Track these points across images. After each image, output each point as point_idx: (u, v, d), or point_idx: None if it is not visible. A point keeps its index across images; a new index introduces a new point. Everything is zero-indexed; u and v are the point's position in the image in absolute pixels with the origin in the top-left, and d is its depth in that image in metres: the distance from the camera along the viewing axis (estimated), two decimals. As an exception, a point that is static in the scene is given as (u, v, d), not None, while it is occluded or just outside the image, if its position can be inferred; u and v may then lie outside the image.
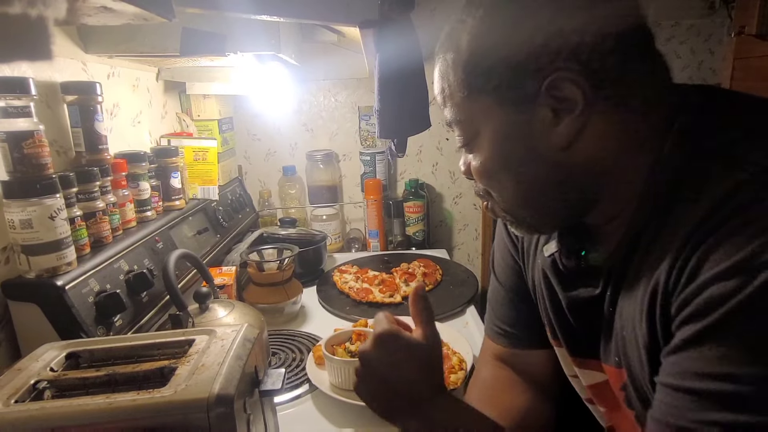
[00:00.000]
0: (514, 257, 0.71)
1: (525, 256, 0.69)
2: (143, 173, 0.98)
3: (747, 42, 1.42)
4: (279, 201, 1.79)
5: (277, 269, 1.15)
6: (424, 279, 1.29)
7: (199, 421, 0.45)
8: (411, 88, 0.96)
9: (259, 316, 0.86)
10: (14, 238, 0.69)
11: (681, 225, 0.42)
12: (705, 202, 0.41)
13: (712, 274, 0.38)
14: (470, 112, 0.51)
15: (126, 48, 0.93)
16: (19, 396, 0.49)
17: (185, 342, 0.58)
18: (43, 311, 0.69)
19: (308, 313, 1.21)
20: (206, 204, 1.25)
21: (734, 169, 0.41)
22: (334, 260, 1.56)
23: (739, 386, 0.36)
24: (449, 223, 1.88)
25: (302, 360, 0.97)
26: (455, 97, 0.52)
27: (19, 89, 0.67)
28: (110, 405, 0.46)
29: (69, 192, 0.75)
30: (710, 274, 0.38)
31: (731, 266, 0.37)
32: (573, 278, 0.58)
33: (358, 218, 1.84)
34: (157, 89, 1.26)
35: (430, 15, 1.61)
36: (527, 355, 0.73)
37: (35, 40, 0.82)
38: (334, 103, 1.76)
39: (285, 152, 1.79)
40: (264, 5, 0.78)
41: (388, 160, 1.76)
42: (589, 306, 0.56)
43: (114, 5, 0.59)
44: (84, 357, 0.58)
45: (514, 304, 0.73)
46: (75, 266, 0.74)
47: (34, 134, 0.68)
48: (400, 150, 1.03)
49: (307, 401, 0.87)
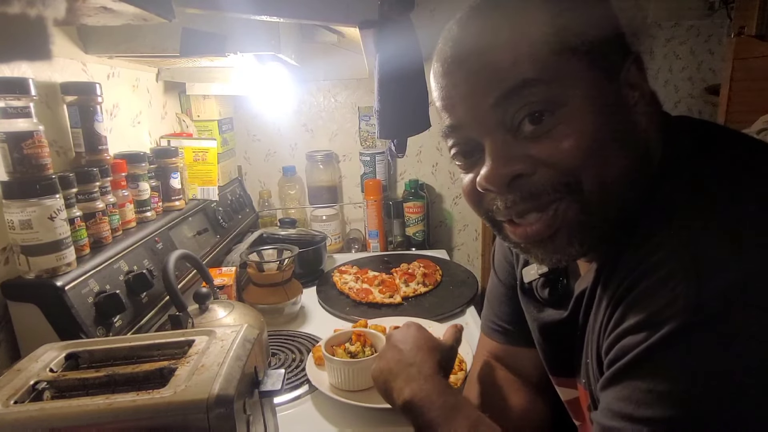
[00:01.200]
0: (510, 260, 0.72)
1: (517, 262, 0.70)
2: (143, 174, 0.98)
3: (746, 42, 1.43)
4: (279, 201, 1.79)
5: (277, 270, 1.15)
6: (424, 279, 1.29)
7: (199, 421, 0.45)
8: (411, 88, 0.96)
9: (258, 317, 0.86)
10: (14, 238, 0.69)
11: (624, 267, 0.44)
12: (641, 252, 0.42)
13: (627, 326, 0.41)
14: (558, 72, 0.43)
15: (126, 48, 0.92)
16: (18, 397, 0.49)
17: (185, 342, 0.58)
18: (43, 312, 0.69)
19: (308, 314, 1.21)
20: (206, 204, 1.25)
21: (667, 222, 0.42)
22: (333, 261, 1.56)
23: (636, 426, 0.39)
24: (449, 224, 1.88)
25: (302, 361, 0.97)
26: (541, 52, 0.43)
27: (19, 90, 0.67)
28: (110, 406, 0.46)
29: (69, 192, 0.75)
30: (626, 326, 0.41)
31: (641, 320, 0.40)
32: (543, 302, 0.61)
33: (357, 219, 1.84)
34: (157, 90, 1.26)
35: (430, 15, 1.61)
36: (523, 353, 0.73)
37: (35, 41, 0.82)
38: (334, 103, 1.76)
39: (285, 153, 1.79)
40: (264, 5, 0.78)
41: (388, 161, 1.76)
42: (558, 328, 0.58)
43: (114, 5, 0.59)
44: (83, 358, 0.58)
45: (512, 301, 0.73)
46: (74, 267, 0.74)
47: (34, 135, 0.68)
48: (400, 150, 1.03)
49: (306, 402, 0.86)
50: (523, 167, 0.45)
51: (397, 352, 0.68)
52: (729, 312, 0.36)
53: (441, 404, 0.58)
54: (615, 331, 0.43)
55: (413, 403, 0.60)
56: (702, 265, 0.38)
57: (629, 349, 0.40)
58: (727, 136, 0.49)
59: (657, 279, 0.40)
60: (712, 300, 0.36)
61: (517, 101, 0.44)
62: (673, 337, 0.37)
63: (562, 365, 0.61)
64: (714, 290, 0.36)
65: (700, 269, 0.37)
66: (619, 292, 0.43)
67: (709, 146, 0.46)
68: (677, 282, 0.38)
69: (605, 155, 0.44)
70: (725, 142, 0.48)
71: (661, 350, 0.38)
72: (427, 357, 0.66)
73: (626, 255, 0.45)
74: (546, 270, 0.60)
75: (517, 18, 0.44)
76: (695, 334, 0.37)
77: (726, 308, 0.36)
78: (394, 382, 0.64)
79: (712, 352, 0.36)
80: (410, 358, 0.65)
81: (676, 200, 0.43)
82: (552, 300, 0.60)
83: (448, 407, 0.58)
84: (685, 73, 1.76)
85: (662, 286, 0.39)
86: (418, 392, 0.60)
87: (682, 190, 0.44)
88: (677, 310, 0.37)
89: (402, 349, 0.67)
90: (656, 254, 0.41)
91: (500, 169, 0.45)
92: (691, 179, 0.44)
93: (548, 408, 0.72)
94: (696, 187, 0.43)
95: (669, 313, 0.38)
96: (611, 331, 0.43)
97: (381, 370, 0.67)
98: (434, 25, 0.67)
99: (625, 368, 0.41)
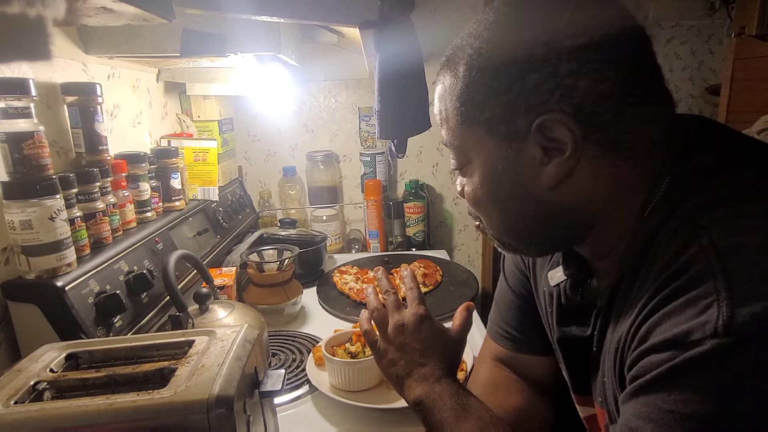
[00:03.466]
0: (523, 270, 0.72)
1: (532, 272, 0.69)
2: (143, 174, 0.98)
3: (747, 42, 1.42)
4: (279, 202, 1.79)
5: (277, 270, 1.15)
6: (424, 280, 1.29)
7: (199, 422, 0.45)
8: (411, 88, 0.96)
9: (259, 317, 0.86)
10: (14, 239, 0.69)
11: (646, 285, 0.44)
12: (667, 271, 0.42)
13: (652, 343, 0.41)
14: (463, 139, 0.52)
15: (126, 49, 0.92)
16: (18, 397, 0.49)
17: (185, 343, 0.58)
18: (43, 312, 0.69)
19: (308, 314, 1.21)
20: (206, 205, 1.25)
21: (695, 239, 0.41)
22: (334, 261, 1.56)
23: None
24: (449, 224, 1.88)
25: (302, 361, 0.97)
26: (450, 121, 0.53)
27: (20, 90, 0.67)
28: (110, 406, 0.46)
29: (69, 193, 0.75)
30: (651, 343, 0.41)
31: (667, 339, 0.40)
32: (569, 314, 0.59)
33: (358, 219, 1.84)
34: (157, 90, 1.26)
35: (430, 15, 1.61)
36: (528, 359, 0.73)
37: (35, 41, 0.82)
38: (334, 103, 1.76)
39: (285, 153, 1.79)
40: (264, 6, 0.78)
41: (388, 161, 1.76)
42: (578, 344, 0.57)
43: (114, 6, 0.59)
44: (84, 358, 0.58)
45: (522, 309, 0.73)
46: (75, 267, 0.74)
47: (34, 135, 0.68)
48: (400, 151, 1.03)
49: (307, 402, 0.86)
50: (460, 190, 0.57)
51: (410, 351, 0.67)
52: (761, 338, 0.36)
53: (453, 405, 0.59)
54: (640, 348, 0.42)
55: (424, 403, 0.61)
56: (736, 288, 0.37)
57: (653, 366, 0.40)
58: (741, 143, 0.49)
59: (687, 299, 0.39)
60: (742, 326, 0.36)
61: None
62: (701, 360, 0.37)
63: (580, 381, 0.60)
64: (745, 316, 0.36)
65: (735, 292, 0.37)
66: (647, 308, 0.43)
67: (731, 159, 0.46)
68: (709, 304, 0.38)
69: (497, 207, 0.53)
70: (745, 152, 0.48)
71: (686, 371, 0.38)
72: (439, 358, 0.65)
73: (649, 265, 0.44)
74: (571, 271, 0.59)
75: (445, 87, 0.52)
76: (724, 358, 0.36)
77: (758, 335, 0.36)
78: (406, 379, 0.65)
79: (739, 379, 0.36)
80: (422, 359, 0.65)
81: (704, 212, 0.43)
82: (578, 307, 0.58)
83: (460, 407, 0.58)
84: (686, 73, 1.76)
85: (692, 306, 0.39)
86: (430, 392, 0.61)
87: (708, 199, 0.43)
88: (708, 334, 0.37)
89: (416, 349, 0.66)
90: (687, 272, 0.40)
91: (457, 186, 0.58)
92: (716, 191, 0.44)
93: (550, 409, 0.72)
94: (726, 201, 0.43)
95: (699, 335, 0.37)
96: (636, 347, 0.43)
97: (392, 362, 0.67)
98: (434, 25, 0.67)
99: (647, 385, 0.40)
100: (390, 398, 0.81)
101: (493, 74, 0.47)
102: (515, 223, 0.53)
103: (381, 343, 0.69)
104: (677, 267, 0.41)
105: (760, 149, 0.48)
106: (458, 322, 0.71)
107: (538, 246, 0.56)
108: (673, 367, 0.38)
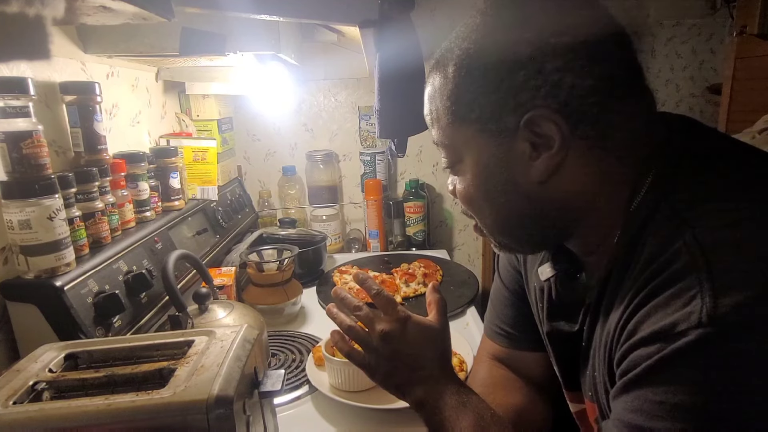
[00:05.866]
0: (516, 266, 0.73)
1: (524, 267, 0.70)
2: (142, 173, 0.98)
3: (748, 42, 1.42)
4: (279, 201, 1.78)
5: (277, 270, 1.14)
6: (424, 279, 1.29)
7: (199, 422, 0.45)
8: (411, 87, 0.96)
9: (258, 317, 0.86)
10: (13, 238, 0.69)
11: (633, 280, 0.45)
12: (653, 265, 0.43)
13: (640, 337, 0.42)
14: (454, 138, 0.53)
15: (125, 48, 0.92)
16: (17, 397, 0.48)
17: (184, 343, 0.57)
18: (42, 312, 0.69)
19: (308, 314, 1.21)
20: (205, 204, 1.24)
21: (679, 233, 0.42)
22: (334, 261, 1.56)
23: None
24: (449, 224, 1.87)
25: (302, 361, 0.96)
26: (441, 121, 0.54)
27: (18, 89, 0.66)
28: (109, 406, 0.46)
29: (68, 192, 0.75)
30: (639, 337, 0.42)
31: (654, 332, 0.40)
32: (558, 309, 0.60)
33: (358, 219, 1.84)
34: (156, 89, 1.26)
35: (430, 15, 1.61)
36: (525, 356, 0.73)
37: (34, 40, 0.81)
38: (334, 103, 1.76)
39: (285, 152, 1.79)
40: (264, 5, 0.78)
41: (388, 161, 1.76)
42: (567, 339, 0.58)
43: (113, 5, 0.59)
44: (83, 358, 0.57)
45: (516, 306, 0.73)
46: (74, 267, 0.73)
47: (33, 134, 0.68)
48: (400, 150, 1.02)
49: (306, 402, 0.86)
50: (452, 191, 0.59)
51: (402, 357, 0.64)
52: (744, 327, 0.36)
53: (454, 403, 0.59)
54: (628, 342, 0.43)
55: (427, 404, 0.61)
56: (719, 279, 0.38)
57: (642, 360, 0.41)
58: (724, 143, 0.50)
59: (672, 292, 0.40)
60: (725, 315, 0.36)
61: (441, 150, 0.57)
62: (687, 350, 0.38)
63: (570, 376, 0.61)
64: (730, 305, 0.36)
65: (717, 284, 0.38)
66: (634, 302, 0.44)
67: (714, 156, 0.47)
68: (693, 296, 0.38)
69: (489, 204, 0.54)
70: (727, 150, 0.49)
71: (674, 362, 0.39)
72: (432, 356, 0.64)
73: (636, 260, 0.45)
74: (561, 266, 0.60)
75: (435, 87, 0.54)
76: (709, 348, 0.37)
77: (741, 324, 0.36)
78: (405, 386, 0.63)
79: (725, 367, 0.37)
80: (416, 362, 0.63)
81: (687, 208, 0.43)
82: (567, 302, 0.59)
83: (462, 405, 0.58)
84: (687, 72, 1.75)
85: (677, 298, 0.39)
86: (431, 394, 0.61)
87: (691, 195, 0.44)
88: (692, 324, 0.37)
89: (408, 354, 0.63)
90: (672, 266, 0.41)
91: (449, 185, 0.59)
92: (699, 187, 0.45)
93: (549, 407, 0.72)
94: (709, 197, 0.44)
95: (684, 326, 0.38)
96: (624, 341, 0.44)
97: (388, 374, 0.64)
98: (434, 24, 0.67)
99: (637, 379, 0.41)
100: (390, 398, 0.81)
101: (482, 73, 0.48)
102: (507, 219, 0.54)
103: (369, 359, 0.65)
104: (663, 261, 0.42)
105: (739, 146, 0.50)
106: (434, 309, 0.68)
107: (530, 242, 0.57)
108: (661, 358, 0.39)
